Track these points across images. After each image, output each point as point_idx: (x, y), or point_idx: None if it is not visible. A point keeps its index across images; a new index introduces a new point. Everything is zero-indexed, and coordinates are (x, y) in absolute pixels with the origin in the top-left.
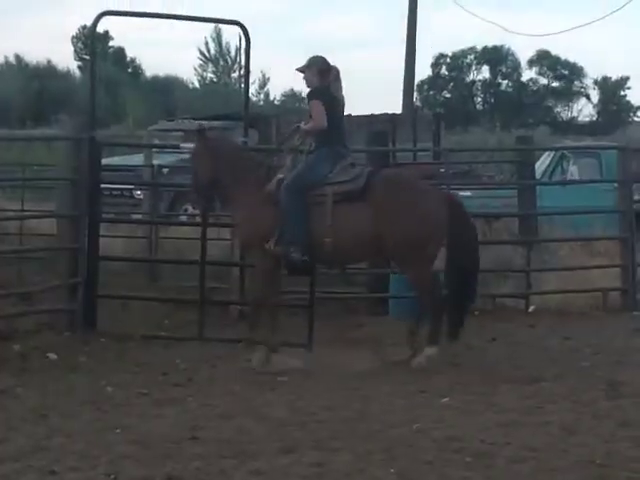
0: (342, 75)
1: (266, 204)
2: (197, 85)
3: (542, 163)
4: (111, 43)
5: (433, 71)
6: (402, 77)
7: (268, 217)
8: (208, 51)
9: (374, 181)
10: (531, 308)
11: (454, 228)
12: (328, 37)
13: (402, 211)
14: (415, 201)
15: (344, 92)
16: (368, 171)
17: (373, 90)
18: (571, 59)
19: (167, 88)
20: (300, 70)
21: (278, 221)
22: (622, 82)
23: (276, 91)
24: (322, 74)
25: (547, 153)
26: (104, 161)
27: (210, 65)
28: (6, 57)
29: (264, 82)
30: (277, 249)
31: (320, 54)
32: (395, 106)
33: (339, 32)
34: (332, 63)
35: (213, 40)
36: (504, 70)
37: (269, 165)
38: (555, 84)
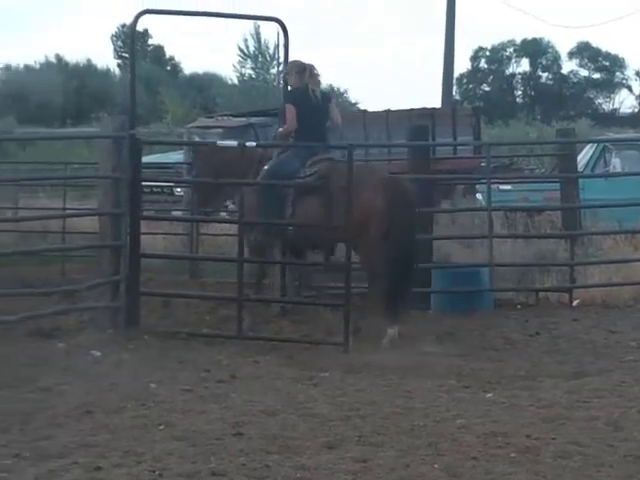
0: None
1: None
2: (236, 82)
3: (584, 156)
4: (150, 41)
5: (472, 64)
6: (441, 71)
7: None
8: (247, 48)
9: (325, 175)
10: (575, 302)
11: (392, 214)
12: (368, 32)
13: (343, 199)
14: (353, 189)
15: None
16: (323, 166)
17: (412, 84)
18: (612, 50)
19: (206, 85)
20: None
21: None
22: None
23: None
24: (300, 75)
25: (589, 145)
26: (144, 159)
27: (249, 61)
28: (46, 57)
29: None
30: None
31: (296, 59)
32: (434, 100)
33: (379, 27)
34: (307, 62)
35: (252, 37)
36: (544, 62)
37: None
38: (596, 76)
